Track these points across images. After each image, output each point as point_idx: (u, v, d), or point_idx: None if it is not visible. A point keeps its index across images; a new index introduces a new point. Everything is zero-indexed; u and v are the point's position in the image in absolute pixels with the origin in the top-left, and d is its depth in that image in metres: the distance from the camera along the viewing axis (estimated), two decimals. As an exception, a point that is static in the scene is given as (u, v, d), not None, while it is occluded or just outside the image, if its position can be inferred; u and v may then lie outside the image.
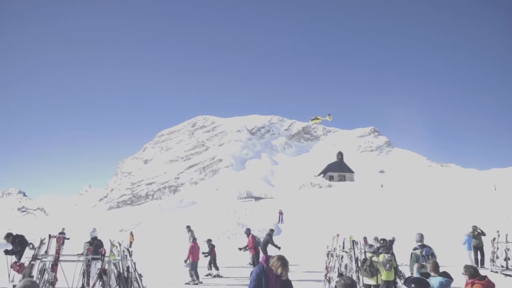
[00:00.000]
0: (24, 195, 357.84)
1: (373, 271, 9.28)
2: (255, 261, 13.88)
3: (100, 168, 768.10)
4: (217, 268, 14.89)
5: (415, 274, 8.56)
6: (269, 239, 16.55)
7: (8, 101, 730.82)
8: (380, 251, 9.80)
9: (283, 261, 4.66)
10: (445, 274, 6.07)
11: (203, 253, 14.70)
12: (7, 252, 11.20)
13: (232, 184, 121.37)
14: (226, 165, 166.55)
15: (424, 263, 8.48)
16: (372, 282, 9.32)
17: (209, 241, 15.65)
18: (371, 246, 10.04)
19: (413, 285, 4.07)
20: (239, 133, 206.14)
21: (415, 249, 9.10)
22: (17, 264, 6.87)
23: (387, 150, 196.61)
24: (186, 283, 13.20)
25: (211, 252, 15.20)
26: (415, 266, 8.30)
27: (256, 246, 14.19)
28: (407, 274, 10.79)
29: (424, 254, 8.91)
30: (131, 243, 26.71)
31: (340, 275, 8.28)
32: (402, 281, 10.59)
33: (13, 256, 11.38)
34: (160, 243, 28.62)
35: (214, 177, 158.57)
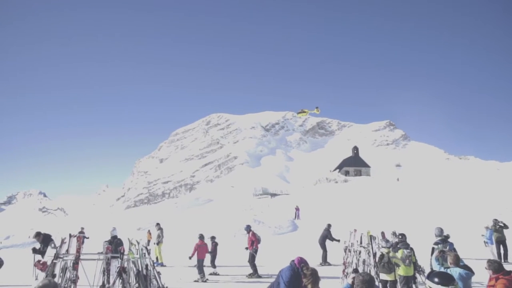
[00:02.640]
0: (45, 195, 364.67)
1: (391, 267, 9.19)
2: (250, 258, 13.87)
3: (117, 168, 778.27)
4: (214, 266, 14.99)
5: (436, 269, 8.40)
6: (327, 234, 16.68)
7: (27, 105, 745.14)
8: (398, 246, 9.67)
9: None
10: (466, 267, 5.95)
11: (212, 242, 14.80)
12: (34, 250, 11.57)
13: (248, 181, 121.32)
14: (241, 162, 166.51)
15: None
16: (389, 278, 9.23)
17: (213, 238, 15.72)
18: (387, 241, 9.94)
19: (436, 279, 3.99)
20: (253, 130, 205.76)
21: (436, 243, 8.92)
22: (41, 262, 7.02)
23: (403, 143, 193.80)
24: (195, 281, 13.30)
25: (214, 250, 15.30)
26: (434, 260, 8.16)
27: (256, 243, 14.18)
28: (427, 269, 10.63)
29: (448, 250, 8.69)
30: (148, 241, 26.97)
31: (355, 271, 8.21)
32: (422, 276, 10.46)
33: (38, 254, 11.77)
34: (177, 241, 28.83)
35: (229, 175, 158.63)
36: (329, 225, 17.36)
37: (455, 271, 5.64)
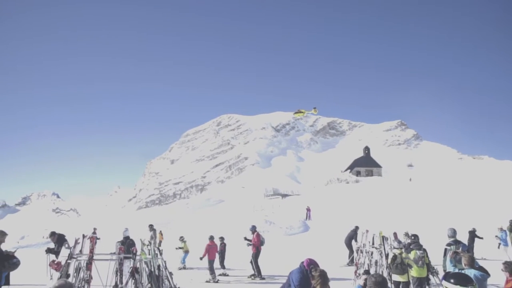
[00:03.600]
0: (58, 196, 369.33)
1: (404, 268, 9.08)
2: (253, 259, 13.84)
3: (128, 169, 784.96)
4: (223, 267, 14.99)
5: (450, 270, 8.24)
6: (353, 234, 16.64)
7: (41, 109, 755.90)
8: (411, 247, 9.56)
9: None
10: (481, 269, 5.85)
11: (245, 238, 14.81)
12: (49, 250, 11.74)
13: (258, 181, 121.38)
14: (252, 163, 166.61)
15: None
16: (402, 279, 9.11)
17: (221, 239, 15.72)
18: (399, 242, 9.84)
19: (452, 280, 3.93)
20: (264, 131, 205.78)
21: (448, 244, 8.76)
22: (55, 262, 7.11)
23: (415, 143, 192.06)
24: (207, 281, 13.34)
25: (223, 250, 15.30)
26: (448, 261, 7.98)
27: (259, 244, 14.14)
28: (440, 270, 10.48)
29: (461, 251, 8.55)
30: (160, 242, 27.10)
31: (367, 272, 8.14)
32: (435, 278, 10.34)
33: (52, 254, 11.96)
34: (188, 242, 28.94)
35: (240, 175, 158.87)
36: (356, 227, 17.27)
37: (470, 273, 5.53)
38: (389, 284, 8.23)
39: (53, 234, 12.77)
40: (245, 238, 14.75)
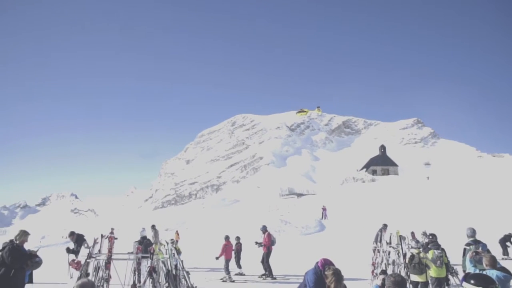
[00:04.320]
0: (76, 197, 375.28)
1: (422, 268, 8.94)
2: (264, 259, 13.82)
3: (144, 170, 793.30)
4: (239, 267, 15.01)
5: (470, 271, 8.01)
6: (382, 234, 16.54)
7: (58, 112, 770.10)
8: (429, 246, 9.41)
9: (338, 277, 4.46)
10: (504, 269, 5.67)
11: (256, 243, 14.87)
12: (68, 250, 12.01)
13: (274, 181, 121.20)
14: (267, 162, 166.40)
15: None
16: (420, 279, 8.97)
17: (237, 238, 15.75)
18: (417, 242, 9.71)
19: (472, 281, 3.84)
20: (278, 130, 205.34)
21: (467, 244, 8.56)
22: (75, 262, 7.24)
23: (432, 141, 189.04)
24: (223, 280, 13.39)
25: (239, 250, 15.32)
26: (468, 261, 7.77)
27: (270, 245, 14.12)
28: (460, 270, 10.28)
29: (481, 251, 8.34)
30: (176, 241, 27.29)
31: (383, 272, 8.05)
32: (455, 278, 10.17)
33: (72, 254, 12.25)
34: (204, 242, 29.09)
35: (255, 175, 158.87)
36: (385, 225, 17.06)
37: (492, 274, 5.32)
38: (407, 284, 8.12)
39: (72, 233, 13.06)
40: (256, 242, 14.82)
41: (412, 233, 17.61)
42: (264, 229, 14.58)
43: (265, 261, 13.74)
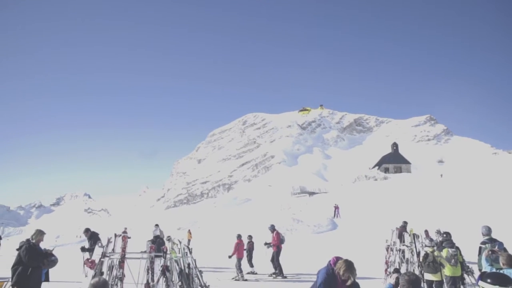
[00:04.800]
0: (89, 197, 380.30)
1: (436, 266, 8.84)
2: (275, 258, 13.81)
3: (156, 170, 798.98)
4: (251, 265, 15.02)
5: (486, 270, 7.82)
6: (402, 231, 16.45)
7: (71, 112, 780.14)
8: (443, 245, 9.29)
9: (348, 264, 4.51)
10: None
11: (265, 243, 14.91)
12: (83, 249, 12.20)
13: (285, 180, 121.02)
14: (278, 161, 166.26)
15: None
16: (435, 278, 8.86)
17: (249, 237, 15.78)
18: (431, 240, 9.60)
19: (489, 280, 3.78)
20: (289, 129, 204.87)
21: (483, 243, 8.40)
22: (89, 261, 7.33)
23: (445, 138, 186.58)
24: (236, 279, 13.41)
25: (251, 249, 15.33)
26: (484, 260, 7.59)
27: (280, 243, 14.11)
28: (475, 269, 10.11)
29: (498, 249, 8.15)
30: (189, 240, 27.45)
31: (396, 270, 7.98)
32: (471, 278, 10.03)
33: (86, 253, 12.45)
34: (216, 241, 29.19)
35: (267, 174, 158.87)
36: (405, 223, 16.92)
37: (509, 273, 5.20)
38: (422, 283, 8.04)
39: (87, 230, 13.33)
40: (265, 243, 14.86)
41: (426, 231, 17.45)
42: (273, 228, 14.61)
43: (276, 259, 13.76)
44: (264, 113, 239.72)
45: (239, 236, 14.69)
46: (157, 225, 18.85)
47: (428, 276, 8.88)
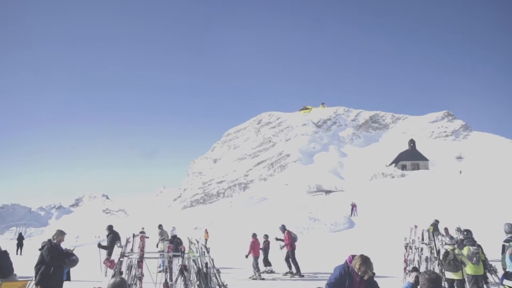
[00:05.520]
0: (107, 197, 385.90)
1: (457, 265, 8.64)
2: (290, 257, 13.74)
3: (172, 170, 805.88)
4: (267, 264, 14.98)
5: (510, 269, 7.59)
6: (435, 229, 16.33)
7: (90, 114, 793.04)
8: (464, 243, 9.10)
9: (364, 258, 4.49)
10: None
11: (276, 239, 14.91)
12: (99, 245, 12.49)
13: (301, 178, 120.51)
14: (294, 159, 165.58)
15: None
16: (456, 276, 8.65)
17: (265, 236, 15.74)
18: (451, 238, 9.42)
19: None
20: (305, 127, 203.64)
21: (506, 241, 8.17)
22: (109, 260, 7.43)
23: (464, 134, 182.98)
24: (253, 278, 13.40)
25: (266, 248, 15.30)
26: (508, 259, 7.36)
27: (292, 242, 14.02)
28: (499, 268, 9.87)
29: None
30: (206, 240, 27.58)
31: (415, 269, 7.86)
32: (494, 276, 9.83)
33: (105, 252, 12.73)
34: (233, 240, 29.27)
35: (282, 173, 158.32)
36: (437, 221, 16.70)
37: None
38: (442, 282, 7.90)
39: (108, 228, 13.65)
40: (277, 239, 14.84)
41: (446, 229, 17.17)
42: (283, 228, 14.59)
43: (291, 258, 13.72)
44: (278, 111, 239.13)
45: (254, 235, 14.70)
46: (160, 225, 19.03)
47: (449, 275, 8.70)
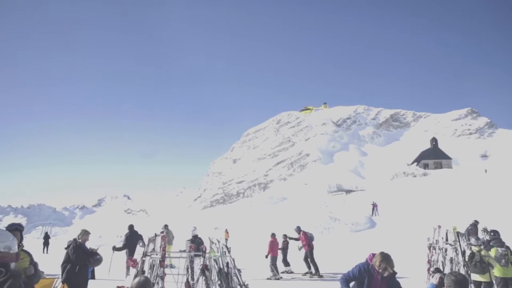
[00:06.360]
0: (128, 198, 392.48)
1: (484, 266, 8.38)
2: (308, 257, 13.63)
3: (192, 170, 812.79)
4: (287, 264, 14.92)
5: None
6: (472, 229, 16.07)
7: (111, 116, 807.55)
8: (491, 244, 8.82)
9: (384, 255, 4.46)
10: None
11: (290, 238, 14.90)
12: (114, 248, 12.71)
13: (321, 178, 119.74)
14: (314, 159, 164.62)
15: None
16: (483, 279, 8.37)
17: (285, 236, 15.69)
18: (477, 239, 9.15)
19: None
20: (324, 126, 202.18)
21: None
22: (131, 260, 7.55)
23: (489, 132, 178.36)
24: (268, 278, 13.38)
25: (285, 248, 15.25)
26: None
27: (310, 242, 13.92)
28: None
29: None
30: (226, 240, 27.72)
31: (438, 270, 7.69)
32: None
33: (126, 252, 12.95)
34: (253, 239, 29.30)
35: (302, 172, 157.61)
36: (476, 221, 16.35)
37: None
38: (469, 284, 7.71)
39: (129, 227, 13.91)
40: (290, 238, 14.81)
41: (484, 229, 16.75)
42: (298, 230, 14.59)
43: (310, 258, 13.66)
44: (298, 111, 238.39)
45: (273, 235, 14.70)
46: (166, 225, 19.23)
47: (475, 277, 8.47)
